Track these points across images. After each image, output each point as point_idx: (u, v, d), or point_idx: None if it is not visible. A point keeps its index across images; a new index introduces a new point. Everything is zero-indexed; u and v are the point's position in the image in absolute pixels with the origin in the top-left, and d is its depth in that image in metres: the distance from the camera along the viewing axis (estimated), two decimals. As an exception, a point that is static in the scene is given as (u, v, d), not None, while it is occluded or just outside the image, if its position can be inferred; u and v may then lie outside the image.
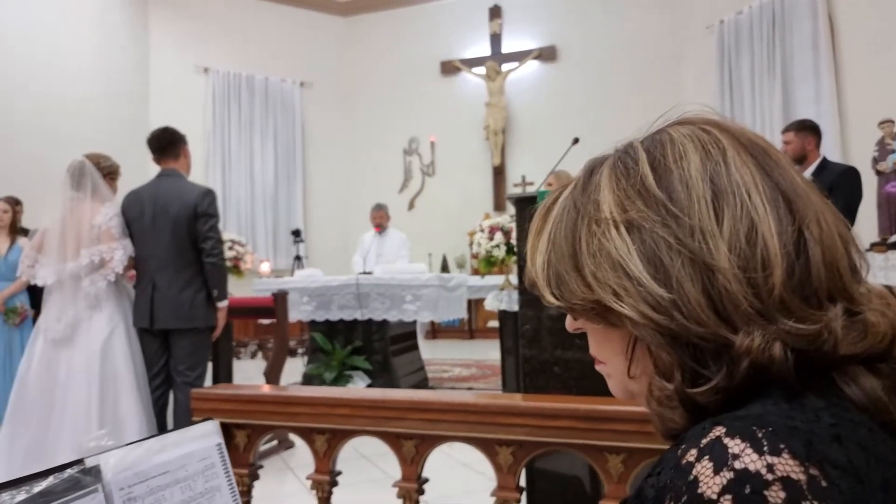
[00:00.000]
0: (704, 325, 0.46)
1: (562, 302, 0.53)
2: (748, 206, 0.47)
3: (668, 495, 0.43)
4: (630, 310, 0.48)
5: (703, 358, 0.47)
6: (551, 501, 2.15)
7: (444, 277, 4.87)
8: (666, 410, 0.49)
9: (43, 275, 2.94)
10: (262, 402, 1.80)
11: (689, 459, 0.43)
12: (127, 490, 0.79)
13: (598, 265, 0.50)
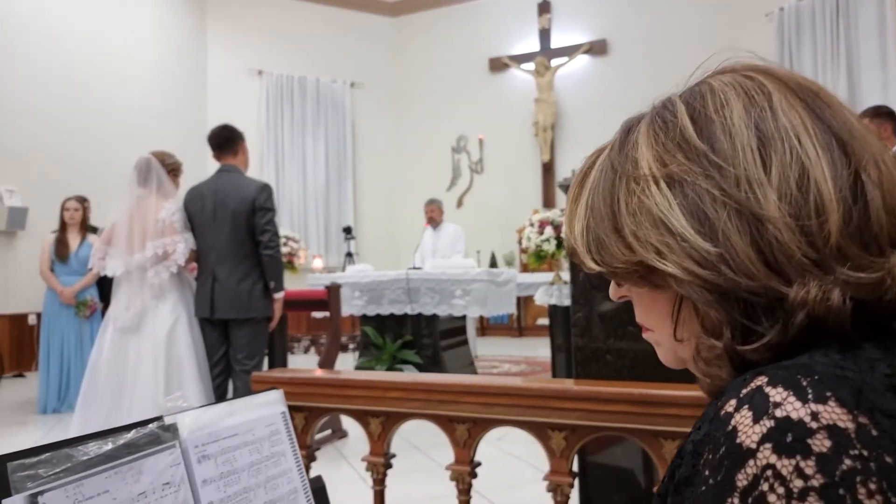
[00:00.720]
0: (755, 278, 0.44)
1: (603, 267, 0.52)
2: (798, 150, 0.45)
3: (706, 447, 0.42)
4: (674, 267, 0.46)
5: (754, 313, 0.45)
6: (605, 494, 2.13)
7: (494, 272, 4.88)
8: (713, 369, 0.47)
9: (112, 266, 3.10)
10: (319, 385, 1.85)
11: (727, 410, 0.41)
12: (201, 448, 0.84)
13: (639, 224, 0.48)
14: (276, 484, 0.94)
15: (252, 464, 0.92)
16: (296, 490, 0.97)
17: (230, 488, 0.87)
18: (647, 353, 1.99)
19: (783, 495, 0.36)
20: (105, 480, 0.70)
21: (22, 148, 6.81)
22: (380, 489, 1.82)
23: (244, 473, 0.90)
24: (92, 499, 0.69)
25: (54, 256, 4.72)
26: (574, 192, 0.57)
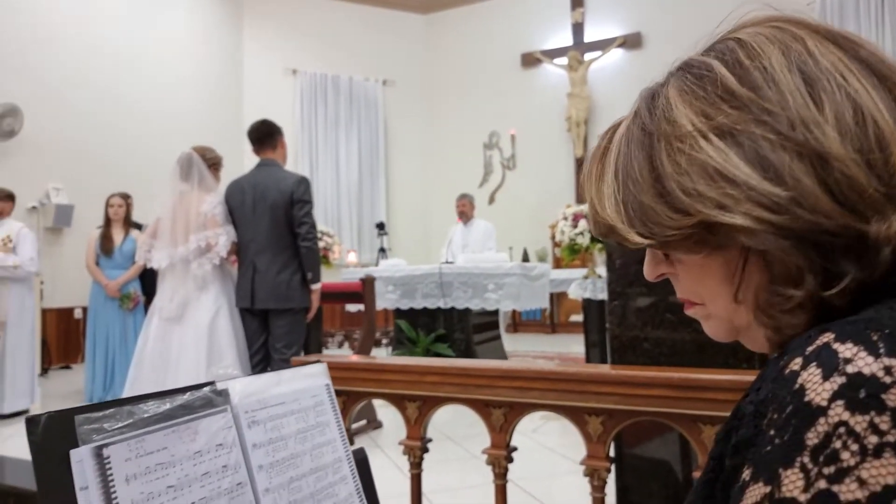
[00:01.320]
0: (832, 217, 0.42)
1: (653, 238, 0.48)
2: (847, 88, 0.44)
3: (769, 408, 0.40)
4: (744, 218, 0.44)
5: (833, 256, 0.43)
6: (642, 483, 2.12)
7: (527, 266, 4.87)
8: (786, 318, 0.46)
9: (157, 259, 3.20)
10: (357, 370, 1.89)
11: (793, 368, 0.40)
12: (251, 413, 0.87)
13: (694, 182, 0.45)
14: (322, 452, 0.97)
15: (299, 431, 0.95)
16: (340, 459, 0.99)
17: (278, 453, 0.90)
18: (685, 343, 1.97)
19: (857, 452, 0.36)
20: (164, 438, 0.74)
21: (67, 148, 7.06)
22: (417, 472, 1.84)
23: (291, 440, 0.93)
24: (152, 454, 0.72)
25: (99, 251, 4.88)
26: (595, 170, 0.54)
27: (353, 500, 0.98)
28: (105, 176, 6.75)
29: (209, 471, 0.78)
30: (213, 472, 0.78)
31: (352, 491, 0.99)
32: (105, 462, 0.67)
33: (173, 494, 0.72)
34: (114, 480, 0.67)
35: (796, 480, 0.37)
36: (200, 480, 0.76)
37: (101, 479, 0.66)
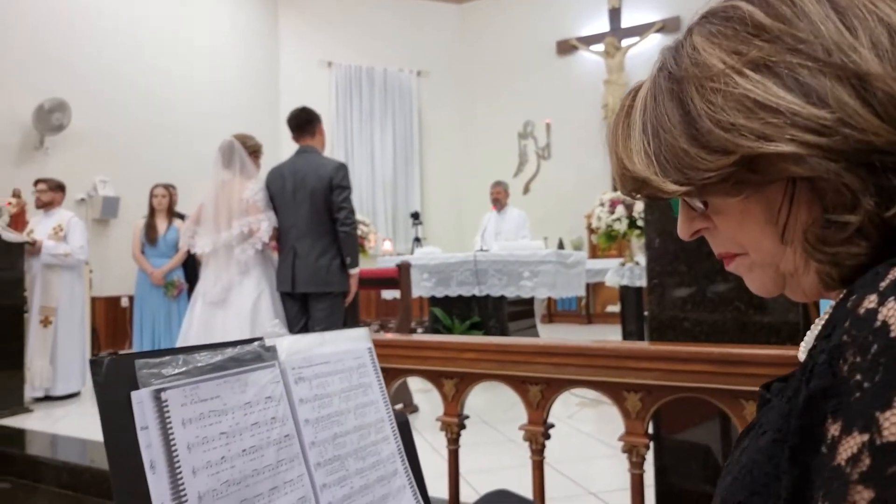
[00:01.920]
0: (880, 135, 0.41)
1: (690, 185, 0.47)
2: (878, 13, 0.43)
3: (848, 352, 0.38)
4: (790, 145, 0.42)
5: (886, 174, 0.42)
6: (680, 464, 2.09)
7: (563, 254, 4.83)
8: (845, 248, 0.44)
9: (201, 244, 3.29)
10: (395, 347, 1.91)
11: (868, 307, 0.38)
12: (297, 370, 0.90)
13: (731, 117, 0.44)
14: (365, 412, 0.99)
15: (343, 390, 0.97)
16: (382, 420, 1.02)
17: (324, 410, 0.92)
18: (726, 322, 1.94)
19: None
20: (216, 387, 0.77)
21: (112, 142, 7.29)
22: (454, 448, 1.86)
23: (336, 398, 0.96)
24: (205, 401, 0.75)
25: (144, 240, 5.04)
26: (620, 130, 0.53)
27: (394, 460, 1.00)
28: (149, 168, 6.95)
29: (258, 421, 0.81)
30: (262, 423, 0.81)
31: (394, 451, 1.01)
32: (163, 405, 0.70)
33: (225, 441, 0.75)
34: (171, 423, 0.70)
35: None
36: (250, 430, 0.79)
37: (160, 421, 0.69)
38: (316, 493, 0.84)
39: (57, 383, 4.42)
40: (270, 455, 0.80)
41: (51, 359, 4.39)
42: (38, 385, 4.36)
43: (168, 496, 0.67)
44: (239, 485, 0.75)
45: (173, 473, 0.68)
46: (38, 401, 4.32)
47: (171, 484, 0.68)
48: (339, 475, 0.89)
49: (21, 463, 3.00)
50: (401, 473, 1.00)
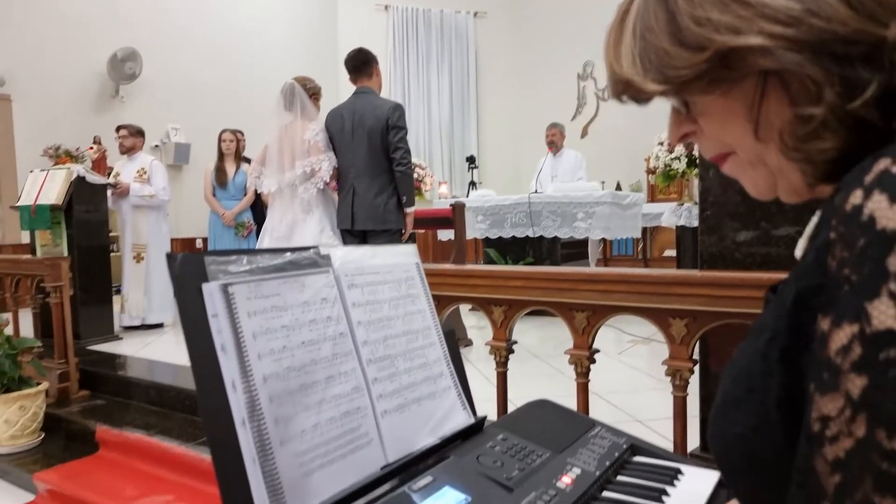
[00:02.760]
0: (848, 24, 0.41)
1: (668, 84, 0.48)
2: None
3: (836, 248, 0.38)
4: (758, 37, 0.43)
5: (850, 64, 0.42)
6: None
7: (619, 195, 4.76)
8: (813, 144, 0.44)
9: (267, 184, 3.45)
10: (447, 276, 1.99)
11: (854, 203, 0.38)
12: (350, 277, 0.98)
13: (706, 11, 0.45)
14: (412, 319, 1.08)
15: (392, 298, 1.05)
16: (429, 327, 1.10)
17: (374, 314, 1.01)
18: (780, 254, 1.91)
19: None
20: (277, 285, 0.86)
21: (182, 90, 7.56)
22: (502, 371, 1.95)
23: (385, 305, 1.04)
24: (268, 297, 0.84)
25: (215, 183, 5.29)
26: (613, 36, 0.53)
27: (440, 364, 1.09)
28: (217, 115, 7.20)
29: (315, 318, 0.90)
30: (318, 321, 0.90)
31: (440, 356, 1.10)
32: (230, 297, 0.79)
33: (286, 333, 0.85)
34: (238, 313, 0.79)
35: (886, 309, 0.35)
36: (308, 326, 0.88)
37: (228, 311, 0.79)
38: (368, 385, 0.93)
39: (151, 312, 4.82)
40: (326, 349, 0.89)
41: (145, 291, 4.77)
42: (134, 315, 4.78)
43: (237, 375, 0.77)
44: (299, 371, 0.84)
45: (241, 356, 0.78)
46: (127, 329, 4.72)
47: (240, 365, 0.77)
48: (388, 372, 0.98)
49: (113, 382, 3.33)
50: (446, 376, 1.08)
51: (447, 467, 0.92)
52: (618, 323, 4.34)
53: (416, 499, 0.84)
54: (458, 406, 1.06)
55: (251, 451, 0.74)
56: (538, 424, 1.12)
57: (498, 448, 1.01)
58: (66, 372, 3.23)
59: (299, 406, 0.82)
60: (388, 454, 0.91)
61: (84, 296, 4.23)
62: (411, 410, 0.98)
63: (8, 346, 2.73)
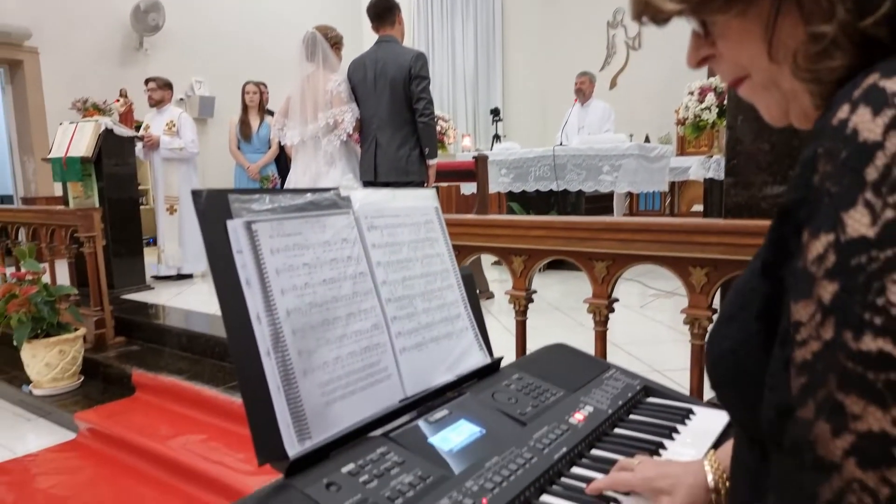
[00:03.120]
0: None
1: (687, 2, 0.48)
2: None
3: (820, 162, 0.39)
4: None
5: None
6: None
7: (646, 147, 4.67)
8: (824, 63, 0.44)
9: (290, 136, 3.46)
10: (467, 226, 2.00)
11: (840, 117, 0.38)
12: (370, 219, 1.00)
13: None
14: (431, 262, 1.10)
15: (411, 241, 1.07)
16: (447, 270, 1.12)
17: (394, 255, 1.03)
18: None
19: None
20: (298, 225, 0.88)
21: (204, 43, 7.53)
22: (521, 319, 1.98)
23: (405, 247, 1.06)
24: (290, 236, 0.87)
25: (239, 136, 5.31)
26: None
27: (458, 306, 1.11)
28: (240, 67, 7.18)
29: (336, 258, 0.92)
30: (339, 260, 0.92)
31: (458, 298, 1.12)
32: (254, 234, 0.82)
33: (308, 270, 0.87)
34: (261, 250, 0.82)
35: (861, 218, 0.36)
36: (329, 264, 0.91)
37: (252, 247, 0.81)
38: (387, 323, 0.96)
39: (186, 262, 4.95)
40: (347, 287, 0.92)
41: (179, 242, 4.89)
42: (171, 265, 4.92)
43: (262, 308, 0.80)
44: (320, 307, 0.87)
45: (265, 291, 0.81)
46: (159, 280, 4.86)
47: (264, 299, 0.80)
48: (407, 311, 1.01)
49: (147, 330, 3.45)
50: (464, 317, 1.10)
51: (463, 402, 0.95)
52: (641, 277, 4.33)
53: (432, 430, 0.87)
54: (475, 346, 1.09)
55: (276, 379, 0.78)
56: (554, 366, 1.15)
57: (513, 386, 1.04)
58: (102, 319, 3.36)
59: (321, 340, 0.85)
60: (407, 389, 0.94)
61: (116, 247, 4.35)
62: (429, 349, 1.01)
63: (46, 293, 2.84)
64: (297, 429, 0.78)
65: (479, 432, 0.88)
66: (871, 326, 0.35)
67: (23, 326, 2.75)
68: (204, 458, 2.23)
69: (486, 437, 0.87)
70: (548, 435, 0.89)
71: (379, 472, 0.75)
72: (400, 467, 0.77)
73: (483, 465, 0.79)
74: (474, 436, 0.87)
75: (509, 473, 0.79)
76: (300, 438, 0.77)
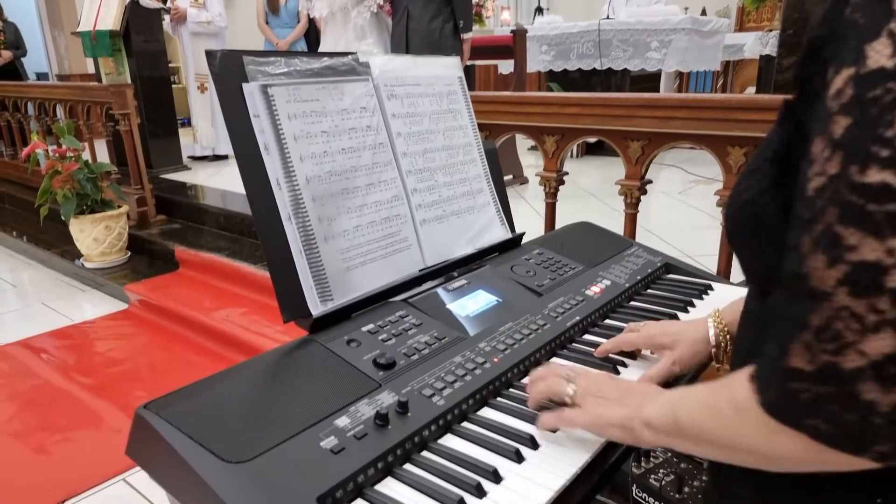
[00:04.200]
0: None
1: None
2: None
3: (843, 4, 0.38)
4: None
5: None
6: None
7: (700, 20, 4.32)
8: None
9: (318, 7, 3.31)
10: (499, 103, 1.93)
11: None
12: (390, 87, 0.97)
13: None
14: (453, 134, 1.07)
15: (433, 112, 1.04)
16: (470, 144, 1.09)
17: (414, 127, 1.01)
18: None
19: None
20: (316, 91, 0.86)
21: None
22: (551, 202, 1.96)
23: (426, 118, 1.03)
24: (307, 102, 0.85)
25: (267, 9, 5.13)
26: None
27: (480, 181, 1.10)
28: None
29: (355, 127, 0.91)
30: (358, 129, 0.91)
31: (480, 173, 1.10)
32: (270, 99, 0.81)
33: (326, 139, 0.86)
34: (279, 115, 0.81)
35: (882, 49, 0.35)
36: (348, 133, 0.90)
37: (269, 112, 0.80)
38: (407, 194, 0.96)
39: (219, 143, 4.98)
40: (366, 157, 0.91)
41: (212, 121, 4.90)
42: (205, 145, 4.95)
43: (281, 174, 0.80)
44: (339, 176, 0.87)
45: (284, 157, 0.81)
46: (196, 160, 4.93)
47: (283, 165, 0.81)
48: (428, 184, 1.00)
49: (186, 209, 3.56)
50: (486, 192, 1.09)
51: (482, 273, 0.97)
52: (683, 163, 4.19)
53: (450, 297, 0.89)
54: (496, 221, 1.09)
55: (298, 244, 0.80)
56: (576, 243, 1.15)
57: (532, 260, 1.04)
58: (143, 197, 3.47)
59: (341, 208, 0.86)
60: (427, 259, 0.96)
61: (152, 127, 4.38)
62: (449, 222, 1.01)
63: (87, 170, 2.92)
64: (320, 290, 0.81)
65: (496, 301, 0.90)
66: (877, 159, 0.35)
67: (69, 202, 2.87)
68: (246, 329, 2.37)
69: (501, 305, 0.89)
70: (562, 305, 0.91)
71: (397, 331, 0.79)
72: (417, 328, 0.80)
73: (497, 330, 0.82)
74: (490, 304, 0.89)
75: (522, 337, 0.81)
76: (322, 299, 0.80)
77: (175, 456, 0.55)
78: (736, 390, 0.43)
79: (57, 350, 2.43)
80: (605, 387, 0.59)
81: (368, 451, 0.57)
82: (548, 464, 0.59)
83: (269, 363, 0.70)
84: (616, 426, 0.55)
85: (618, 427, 0.55)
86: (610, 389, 0.58)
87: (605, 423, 0.57)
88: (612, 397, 0.57)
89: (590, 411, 0.58)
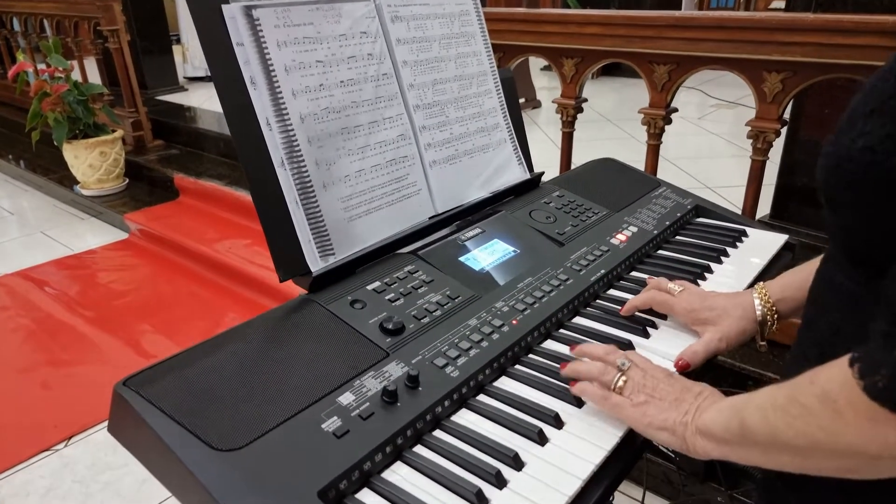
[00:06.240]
0: None
1: None
2: None
3: None
4: None
5: None
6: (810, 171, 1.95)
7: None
8: None
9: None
10: (515, 21, 1.78)
11: None
12: (394, 8, 0.85)
13: None
14: (466, 62, 0.96)
15: (443, 36, 0.93)
16: (485, 73, 0.98)
17: (422, 54, 0.89)
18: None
19: None
20: (309, 13, 0.75)
21: None
22: (568, 131, 1.83)
23: (435, 44, 0.92)
24: (299, 26, 0.74)
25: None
26: None
27: (496, 114, 0.99)
28: None
29: (355, 55, 0.80)
30: (358, 58, 0.80)
31: (495, 106, 1.00)
32: (256, 23, 0.70)
33: (322, 69, 0.76)
34: (266, 42, 0.70)
35: None
36: (347, 63, 0.79)
37: (255, 39, 0.70)
38: (415, 132, 0.86)
39: None
40: (368, 90, 0.81)
41: None
42: (197, 65, 4.73)
43: (271, 112, 0.70)
44: (338, 113, 0.77)
45: (273, 92, 0.71)
46: (192, 80, 4.73)
47: (273, 101, 0.71)
48: (438, 120, 0.90)
49: (185, 133, 3.43)
50: (502, 128, 0.99)
51: (498, 220, 0.89)
52: (703, 85, 3.97)
53: (463, 248, 0.82)
54: (514, 160, 1.00)
55: (293, 192, 0.71)
56: (599, 183, 1.06)
57: (553, 204, 0.96)
58: (138, 121, 3.33)
59: (341, 150, 0.77)
60: (437, 205, 0.87)
61: (144, 44, 4.17)
62: (462, 162, 0.92)
63: (77, 91, 2.78)
64: (319, 244, 0.73)
65: (513, 252, 0.82)
66: None
67: (60, 126, 2.75)
68: (249, 262, 2.32)
69: (520, 257, 0.81)
70: (586, 256, 0.83)
71: (406, 290, 0.72)
72: (428, 286, 0.73)
73: (515, 286, 0.75)
74: (508, 255, 0.81)
75: (542, 295, 0.74)
76: (322, 254, 0.73)
77: (159, 442, 0.49)
78: (826, 382, 0.36)
79: (59, 281, 2.40)
80: (659, 383, 0.52)
81: (375, 434, 0.52)
82: (574, 446, 0.53)
83: (263, 329, 0.63)
84: (664, 430, 0.49)
85: (667, 431, 0.49)
86: (664, 388, 0.51)
87: (651, 425, 0.50)
88: (665, 397, 0.50)
89: (638, 408, 0.51)
